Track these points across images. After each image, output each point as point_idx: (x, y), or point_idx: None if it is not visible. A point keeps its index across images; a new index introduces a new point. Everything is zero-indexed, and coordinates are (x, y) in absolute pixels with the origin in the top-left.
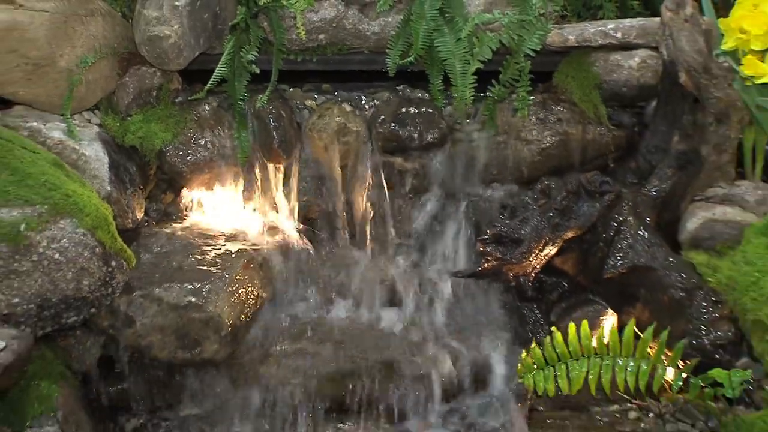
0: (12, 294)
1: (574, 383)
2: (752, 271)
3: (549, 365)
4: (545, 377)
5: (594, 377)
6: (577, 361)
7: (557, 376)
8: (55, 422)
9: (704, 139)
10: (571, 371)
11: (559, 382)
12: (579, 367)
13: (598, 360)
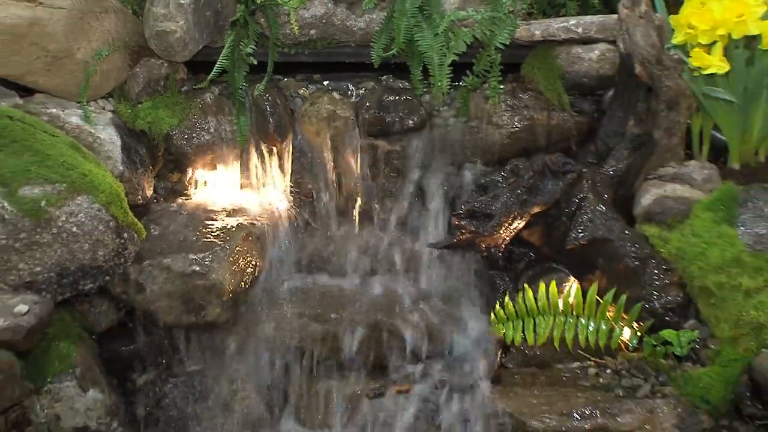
0: (34, 263)
1: (539, 336)
2: (699, 243)
3: (519, 318)
4: (514, 328)
5: (558, 333)
6: (543, 317)
7: (525, 329)
8: (73, 378)
9: (656, 124)
10: (538, 326)
11: (527, 334)
12: (545, 323)
13: (563, 318)
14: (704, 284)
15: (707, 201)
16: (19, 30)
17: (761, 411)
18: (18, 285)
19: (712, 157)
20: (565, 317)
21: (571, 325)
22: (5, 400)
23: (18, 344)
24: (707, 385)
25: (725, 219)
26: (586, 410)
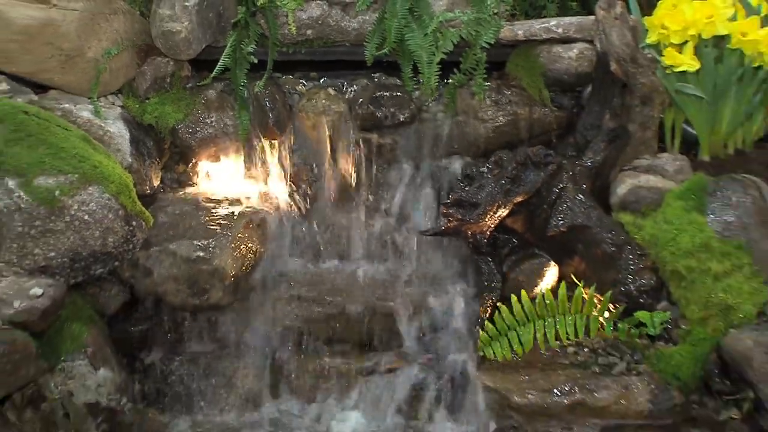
0: (48, 249)
1: (526, 345)
2: (671, 230)
3: (502, 335)
4: (501, 346)
5: (541, 336)
6: (524, 326)
7: (511, 344)
8: (84, 357)
9: (631, 119)
10: (522, 336)
11: (514, 347)
12: (527, 332)
13: (542, 321)
14: (675, 268)
15: (678, 190)
16: (34, 30)
17: (729, 387)
18: (33, 269)
19: (684, 150)
20: (544, 320)
21: (550, 325)
22: (21, 378)
23: (33, 325)
24: (678, 363)
25: (695, 207)
26: (565, 387)
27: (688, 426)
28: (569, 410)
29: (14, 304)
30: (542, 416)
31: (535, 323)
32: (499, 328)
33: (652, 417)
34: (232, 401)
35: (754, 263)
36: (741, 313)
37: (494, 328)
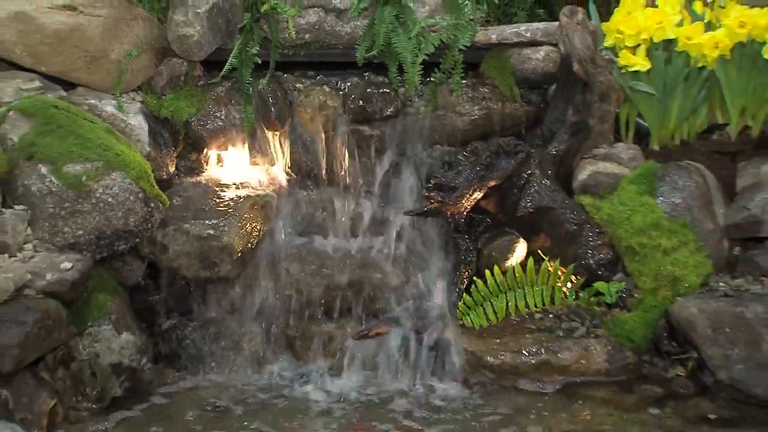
0: (77, 228)
1: (499, 314)
2: (625, 210)
3: (478, 305)
4: (478, 315)
5: (512, 305)
6: (497, 297)
7: (486, 312)
8: (109, 323)
9: (591, 113)
10: (495, 306)
11: (489, 316)
12: (500, 302)
13: (512, 293)
14: (630, 244)
15: (632, 176)
16: (63, 34)
17: (676, 348)
18: (63, 246)
19: (636, 140)
20: (514, 291)
21: (520, 295)
22: (54, 341)
23: (64, 295)
24: (632, 327)
25: (647, 191)
26: (532, 348)
27: (640, 382)
28: (536, 369)
29: (47, 277)
30: (512, 374)
31: (507, 294)
32: (475, 299)
33: (608, 374)
34: (239, 362)
35: (698, 240)
36: (687, 284)
37: (471, 299)
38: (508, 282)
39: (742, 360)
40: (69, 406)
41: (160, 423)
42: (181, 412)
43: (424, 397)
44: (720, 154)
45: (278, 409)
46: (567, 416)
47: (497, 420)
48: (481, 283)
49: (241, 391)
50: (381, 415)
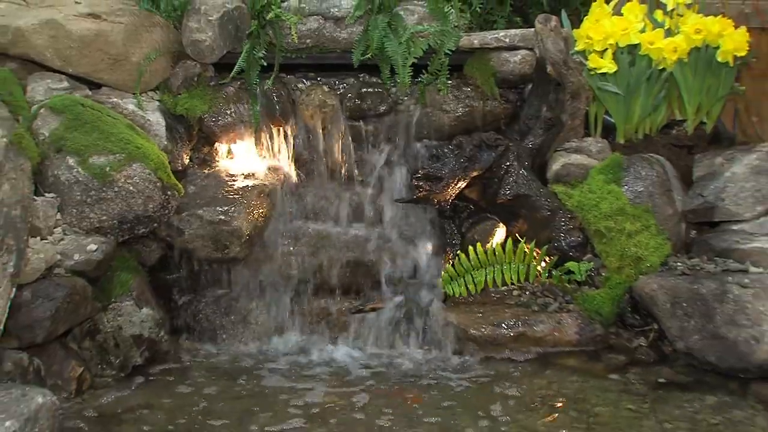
0: (101, 213)
1: (478, 285)
2: (594, 197)
3: (460, 276)
4: (459, 285)
5: (490, 279)
6: (477, 271)
7: (466, 283)
8: (131, 299)
9: (563, 110)
10: (475, 278)
11: (468, 286)
12: (480, 275)
13: (491, 268)
14: (598, 228)
15: (600, 166)
16: (89, 39)
17: (639, 321)
18: (89, 229)
19: (604, 135)
20: (493, 266)
21: (498, 271)
22: (81, 315)
23: (90, 273)
24: (600, 302)
25: (613, 180)
26: (511, 322)
27: (607, 352)
28: (514, 340)
29: (74, 257)
30: (493, 345)
31: (486, 268)
32: (457, 270)
33: (578, 345)
34: (247, 334)
35: (659, 224)
36: (648, 263)
37: (454, 270)
38: (488, 258)
39: (697, 331)
40: (95, 374)
41: (176, 388)
42: (195, 378)
43: (414, 364)
44: (678, 147)
45: (282, 376)
46: (541, 382)
47: (479, 385)
48: (464, 256)
49: (249, 360)
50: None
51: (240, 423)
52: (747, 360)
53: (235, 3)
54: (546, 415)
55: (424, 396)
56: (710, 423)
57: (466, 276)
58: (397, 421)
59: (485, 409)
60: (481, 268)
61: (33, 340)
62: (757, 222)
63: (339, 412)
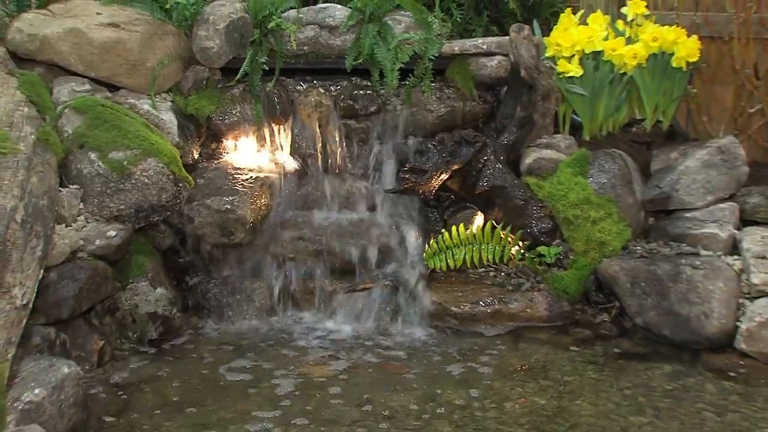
0: (119, 203)
1: (457, 262)
2: (563, 188)
3: (441, 252)
4: (440, 260)
5: (468, 257)
6: (457, 248)
7: (447, 258)
8: (146, 280)
9: (535, 110)
10: (455, 255)
11: (449, 261)
12: (459, 252)
13: (470, 246)
14: (566, 216)
15: (568, 161)
16: (109, 46)
17: (602, 299)
18: (109, 218)
19: (571, 132)
20: (472, 245)
21: (476, 250)
22: (102, 294)
23: (109, 257)
24: (567, 282)
25: (580, 173)
26: (488, 300)
27: (574, 327)
28: (490, 316)
29: (96, 242)
30: (472, 320)
31: (466, 246)
32: (440, 246)
33: (548, 320)
34: (251, 311)
35: (620, 212)
36: (611, 247)
37: (436, 246)
38: (468, 238)
39: (654, 308)
40: (114, 347)
41: (187, 359)
42: (205, 350)
43: (401, 338)
44: (638, 143)
45: (282, 347)
46: (515, 353)
47: (460, 355)
48: (447, 234)
49: (252, 333)
50: (366, 349)
51: (245, 388)
52: (698, 333)
53: (239, 14)
54: (520, 382)
55: (409, 366)
56: (665, 389)
57: (447, 252)
58: (383, 387)
59: (464, 378)
60: (461, 246)
61: (59, 316)
62: (707, 210)
63: (332, 379)
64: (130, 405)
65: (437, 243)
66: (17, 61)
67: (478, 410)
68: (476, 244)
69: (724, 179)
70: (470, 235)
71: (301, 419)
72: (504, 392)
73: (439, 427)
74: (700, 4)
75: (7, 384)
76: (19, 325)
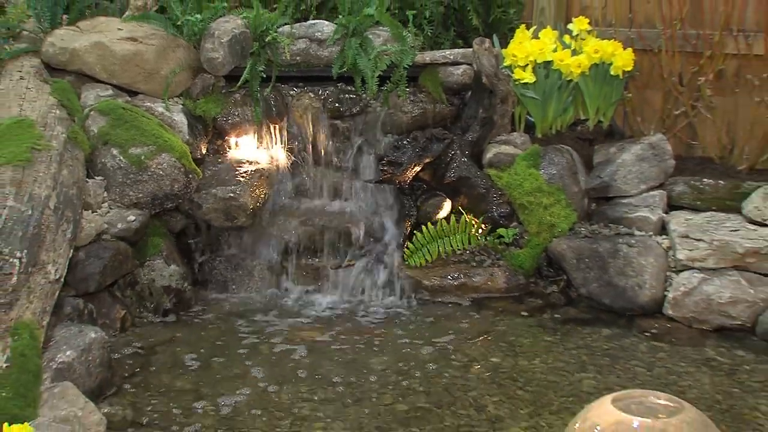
0: (138, 192)
1: (432, 255)
2: (519, 179)
3: (418, 250)
4: (419, 257)
5: (441, 249)
6: (431, 244)
7: (424, 254)
8: (161, 258)
9: (495, 111)
10: (430, 250)
11: (426, 257)
12: (433, 247)
13: (441, 240)
14: (521, 202)
15: (523, 155)
16: (128, 57)
17: (552, 273)
18: (129, 205)
19: (526, 130)
20: (442, 239)
21: (447, 242)
22: (123, 270)
23: (129, 238)
24: (523, 259)
25: (533, 165)
26: (454, 274)
27: (528, 297)
28: (457, 288)
29: (118, 226)
30: (441, 292)
31: (437, 241)
32: (416, 246)
33: (506, 291)
34: (252, 285)
35: (568, 198)
36: (559, 229)
37: (414, 246)
38: (438, 232)
39: (596, 280)
40: (134, 316)
41: (196, 325)
42: (212, 318)
43: (380, 307)
44: (582, 140)
45: (277, 315)
46: (478, 319)
47: (431, 321)
48: (420, 234)
49: (252, 303)
50: (351, 317)
51: (246, 350)
52: (633, 302)
53: (241, 29)
54: (482, 344)
55: (387, 330)
56: (604, 349)
57: (423, 249)
58: (367, 348)
59: (435, 340)
60: (434, 241)
61: (86, 289)
62: (641, 197)
63: (321, 342)
64: (148, 364)
65: (413, 244)
66: (50, 71)
67: (447, 368)
68: (447, 237)
69: (654, 171)
70: (440, 229)
71: (295, 376)
72: (469, 352)
73: (412, 383)
74: (634, 21)
75: (42, 347)
76: (52, 297)
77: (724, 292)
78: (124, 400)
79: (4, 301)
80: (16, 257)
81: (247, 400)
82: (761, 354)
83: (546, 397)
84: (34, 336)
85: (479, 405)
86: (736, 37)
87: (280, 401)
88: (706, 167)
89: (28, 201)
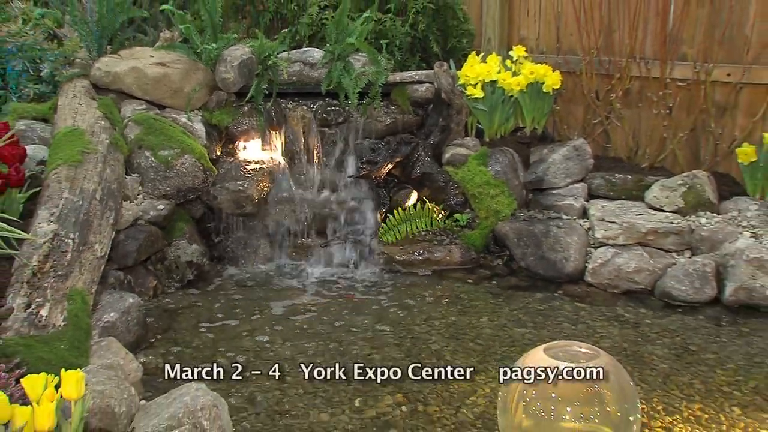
0: (166, 186)
1: (402, 234)
2: (471, 174)
3: (390, 230)
4: (390, 235)
5: (409, 230)
6: (401, 225)
7: (395, 233)
8: (185, 238)
9: (452, 120)
10: (400, 230)
11: (396, 235)
12: (403, 227)
13: (409, 222)
14: (473, 193)
15: (475, 155)
16: (158, 78)
17: (497, 249)
18: (159, 196)
19: (477, 136)
20: (410, 221)
21: (414, 224)
22: (155, 248)
23: (160, 223)
24: (475, 238)
25: (482, 163)
26: (420, 251)
27: (479, 269)
28: (422, 262)
29: (150, 213)
30: (410, 265)
31: (406, 223)
32: (389, 226)
33: (461, 264)
34: (257, 259)
35: (510, 190)
36: (503, 214)
37: (387, 225)
38: (407, 216)
39: (532, 255)
40: (164, 285)
41: (214, 292)
42: (226, 287)
43: (360, 277)
44: (521, 143)
45: (279, 283)
46: (439, 286)
47: (401, 290)
48: (391, 217)
49: (258, 275)
50: (337, 285)
51: (253, 312)
52: (561, 272)
53: (248, 54)
54: (442, 306)
55: (366, 296)
56: (538, 309)
57: (395, 229)
58: (350, 310)
59: (405, 303)
60: (403, 223)
61: (126, 263)
62: (567, 188)
63: (312, 305)
64: (175, 324)
65: (386, 224)
66: (97, 90)
67: (414, 325)
68: (413, 221)
69: (577, 168)
70: (408, 213)
71: (292, 333)
72: (431, 313)
73: (386, 338)
74: (561, 49)
75: (91, 310)
76: (99, 270)
77: (631, 263)
78: (157, 351)
79: (61, 272)
80: (71, 238)
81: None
82: (658, 311)
83: (492, 347)
84: (85, 301)
85: (439, 354)
86: (639, 63)
87: (282, 352)
88: (618, 165)
89: (79, 194)
